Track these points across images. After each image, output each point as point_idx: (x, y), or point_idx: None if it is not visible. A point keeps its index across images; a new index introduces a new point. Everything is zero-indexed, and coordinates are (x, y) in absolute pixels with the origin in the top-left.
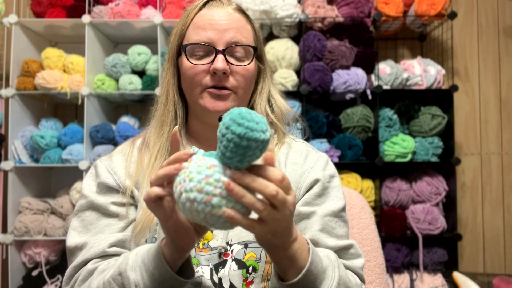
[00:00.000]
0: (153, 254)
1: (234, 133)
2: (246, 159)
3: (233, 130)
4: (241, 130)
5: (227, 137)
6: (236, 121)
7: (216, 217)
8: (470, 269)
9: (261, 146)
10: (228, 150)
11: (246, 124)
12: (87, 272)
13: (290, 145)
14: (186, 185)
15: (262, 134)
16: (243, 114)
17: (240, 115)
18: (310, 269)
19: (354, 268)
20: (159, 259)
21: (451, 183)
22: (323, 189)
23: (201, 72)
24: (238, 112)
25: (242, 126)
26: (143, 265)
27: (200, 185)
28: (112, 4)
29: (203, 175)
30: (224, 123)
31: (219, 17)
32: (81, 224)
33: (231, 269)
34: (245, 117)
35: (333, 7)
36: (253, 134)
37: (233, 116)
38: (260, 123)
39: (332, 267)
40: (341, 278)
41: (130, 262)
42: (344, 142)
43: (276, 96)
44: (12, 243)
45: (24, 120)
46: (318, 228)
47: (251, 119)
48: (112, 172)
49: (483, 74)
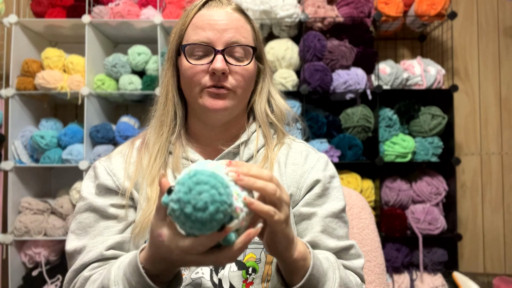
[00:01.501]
0: (133, 268)
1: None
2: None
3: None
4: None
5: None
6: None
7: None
8: (470, 269)
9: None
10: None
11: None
12: (83, 279)
13: (290, 146)
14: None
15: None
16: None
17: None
18: (313, 273)
19: (354, 268)
20: (139, 274)
21: (451, 183)
22: (324, 190)
23: (200, 72)
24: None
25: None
26: (125, 279)
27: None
28: (112, 4)
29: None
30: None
31: (218, 17)
32: (79, 227)
33: (231, 270)
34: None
35: (333, 7)
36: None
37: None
38: (203, 192)
39: (332, 269)
40: (342, 279)
41: (112, 276)
42: (344, 142)
43: (276, 96)
44: (12, 243)
45: (24, 120)
46: (319, 229)
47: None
48: (111, 174)
49: (483, 74)
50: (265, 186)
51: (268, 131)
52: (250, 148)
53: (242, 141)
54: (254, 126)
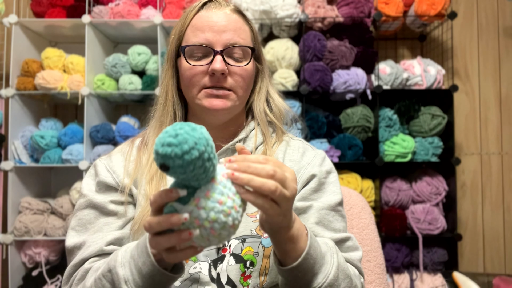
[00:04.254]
0: (141, 249)
1: (158, 155)
2: (194, 175)
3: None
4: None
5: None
6: (158, 143)
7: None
8: (470, 269)
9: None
10: (172, 175)
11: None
12: (84, 271)
13: (288, 143)
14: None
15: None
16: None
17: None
18: (310, 252)
19: (352, 260)
20: (146, 254)
21: (451, 183)
22: (320, 184)
23: (199, 73)
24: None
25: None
26: (132, 261)
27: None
28: (112, 4)
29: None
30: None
31: (217, 19)
32: (79, 223)
33: (229, 264)
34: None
35: (333, 7)
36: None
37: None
38: (180, 135)
39: (330, 253)
40: (340, 264)
41: (119, 258)
42: (344, 142)
43: (274, 95)
44: (12, 243)
45: (24, 120)
46: (314, 221)
47: (170, 135)
48: (111, 171)
49: (483, 74)
50: (262, 185)
51: (266, 129)
52: (249, 145)
53: (241, 138)
54: (253, 124)
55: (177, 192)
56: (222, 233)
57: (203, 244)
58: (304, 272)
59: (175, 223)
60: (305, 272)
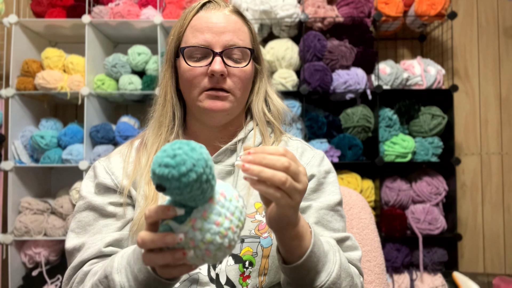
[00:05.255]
0: (137, 256)
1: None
2: (190, 196)
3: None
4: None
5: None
6: (155, 163)
7: (228, 249)
8: (470, 269)
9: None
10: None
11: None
12: (83, 274)
13: (286, 143)
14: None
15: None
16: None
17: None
18: (314, 250)
19: (351, 260)
20: (142, 261)
21: (451, 183)
22: (319, 185)
23: (199, 74)
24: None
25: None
26: (128, 267)
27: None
28: (112, 4)
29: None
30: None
31: (216, 20)
32: (79, 225)
33: (228, 264)
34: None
35: (333, 7)
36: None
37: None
38: (178, 156)
39: (333, 252)
40: (342, 263)
41: (115, 264)
42: (344, 142)
43: (273, 96)
44: (12, 243)
45: (24, 120)
46: (313, 221)
47: (167, 155)
48: (110, 173)
49: (483, 74)
50: (273, 176)
51: (265, 129)
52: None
53: (240, 139)
54: (252, 124)
55: (175, 211)
56: (218, 254)
57: (197, 263)
58: (308, 270)
59: (169, 243)
60: (309, 270)
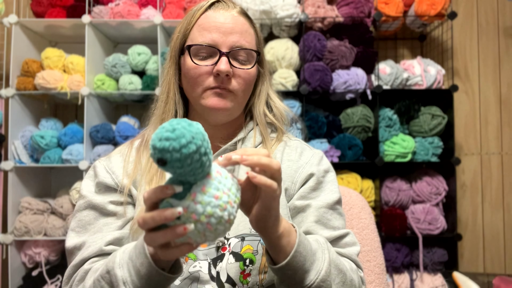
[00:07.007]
0: (139, 250)
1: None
2: (191, 169)
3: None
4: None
5: (154, 157)
6: (154, 139)
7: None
8: (470, 269)
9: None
10: (169, 170)
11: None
12: (84, 272)
13: (286, 143)
14: (198, 211)
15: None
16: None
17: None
18: (298, 250)
19: (349, 255)
20: (144, 255)
21: (451, 183)
22: (318, 183)
23: (204, 73)
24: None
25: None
26: (130, 262)
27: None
28: (112, 4)
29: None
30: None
31: (224, 20)
32: (79, 224)
33: (229, 262)
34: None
35: (333, 7)
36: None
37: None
38: (177, 129)
39: (321, 250)
40: (332, 260)
41: (117, 259)
42: (344, 142)
43: (275, 99)
44: (12, 243)
45: (24, 120)
46: (313, 219)
47: (167, 130)
48: (110, 172)
49: (483, 74)
50: (270, 161)
51: (265, 130)
52: (247, 145)
53: (240, 138)
54: (252, 124)
55: (173, 189)
56: (219, 228)
57: (198, 240)
58: (295, 270)
59: (169, 217)
60: (295, 270)
